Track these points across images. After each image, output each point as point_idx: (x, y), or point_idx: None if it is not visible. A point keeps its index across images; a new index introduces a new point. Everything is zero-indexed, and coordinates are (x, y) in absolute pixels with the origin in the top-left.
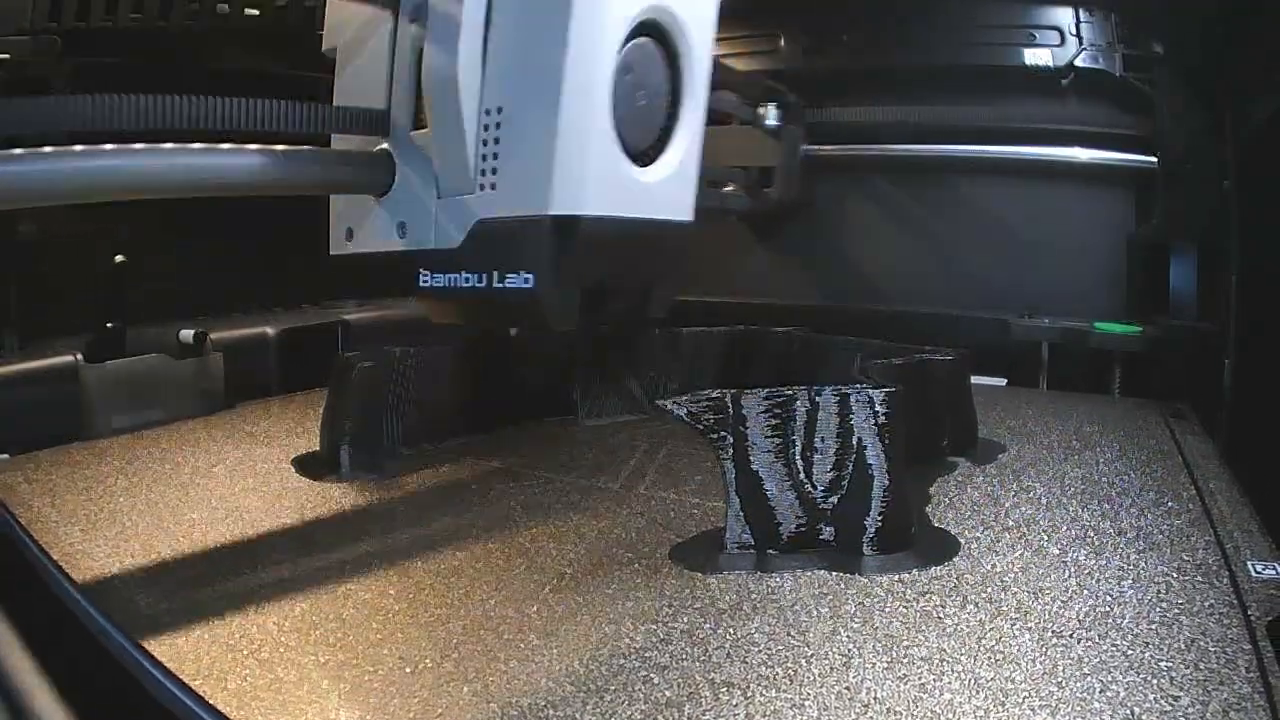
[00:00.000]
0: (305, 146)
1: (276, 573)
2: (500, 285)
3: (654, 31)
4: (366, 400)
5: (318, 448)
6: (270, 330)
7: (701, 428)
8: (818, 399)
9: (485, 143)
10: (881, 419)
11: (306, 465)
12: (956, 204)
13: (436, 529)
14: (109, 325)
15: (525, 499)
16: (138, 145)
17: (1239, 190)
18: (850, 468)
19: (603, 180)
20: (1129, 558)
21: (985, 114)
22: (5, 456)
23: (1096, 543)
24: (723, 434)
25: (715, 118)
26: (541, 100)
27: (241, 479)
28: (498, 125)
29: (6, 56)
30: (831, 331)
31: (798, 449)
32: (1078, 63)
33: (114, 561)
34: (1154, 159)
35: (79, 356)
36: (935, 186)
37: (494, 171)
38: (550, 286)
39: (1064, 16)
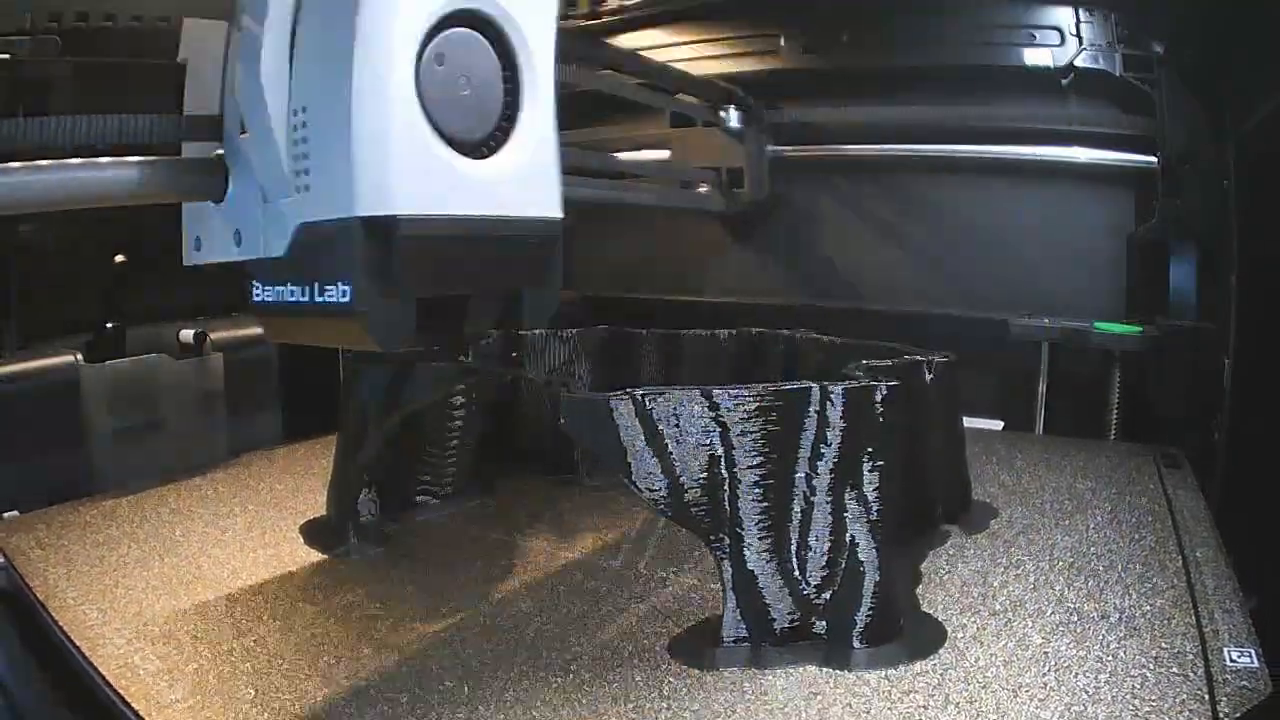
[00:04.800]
0: (153, 157)
1: (292, 667)
2: (321, 299)
3: (474, 22)
4: (372, 471)
5: (324, 512)
6: None
7: (700, 531)
8: (813, 485)
9: (296, 142)
10: (874, 515)
11: (314, 534)
12: (956, 204)
13: (444, 616)
14: (109, 325)
15: (529, 581)
16: None
17: (1239, 190)
18: (843, 564)
19: (419, 175)
20: (1109, 646)
21: (985, 114)
22: (15, 513)
23: (1079, 629)
24: (720, 534)
25: (681, 120)
26: (336, 94)
27: (250, 550)
28: (304, 125)
29: (7, 57)
30: (834, 332)
31: (793, 548)
32: (1078, 63)
33: (134, 650)
34: (1154, 159)
35: (79, 356)
36: (935, 187)
37: (307, 172)
38: (372, 298)
39: (1064, 16)
